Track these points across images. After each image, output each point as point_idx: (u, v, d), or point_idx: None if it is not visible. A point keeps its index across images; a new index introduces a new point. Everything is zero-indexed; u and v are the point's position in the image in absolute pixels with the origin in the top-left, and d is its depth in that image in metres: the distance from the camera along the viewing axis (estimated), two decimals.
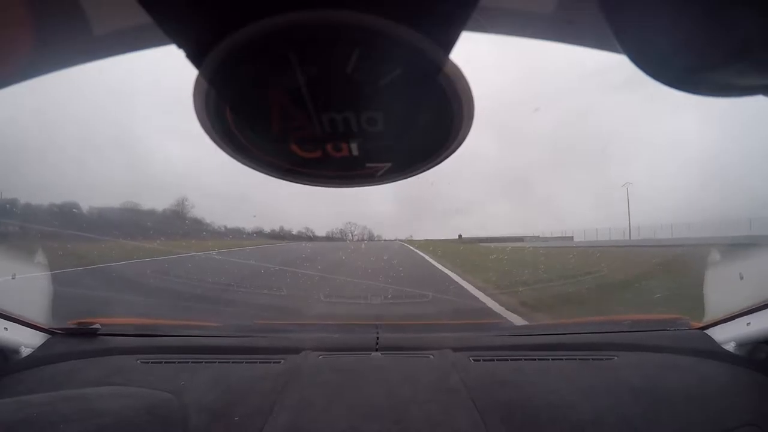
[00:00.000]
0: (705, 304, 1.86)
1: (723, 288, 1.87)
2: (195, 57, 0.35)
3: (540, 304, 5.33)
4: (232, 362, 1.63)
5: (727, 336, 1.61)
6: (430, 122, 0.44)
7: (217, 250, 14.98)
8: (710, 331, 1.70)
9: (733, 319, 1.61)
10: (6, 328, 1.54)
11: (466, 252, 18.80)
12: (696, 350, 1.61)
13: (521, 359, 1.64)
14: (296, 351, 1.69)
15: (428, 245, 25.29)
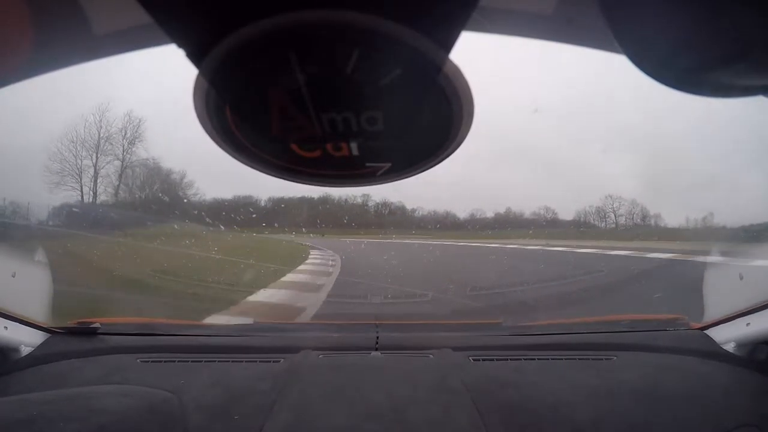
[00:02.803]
0: (704, 304, 1.86)
1: (723, 288, 1.88)
2: (195, 57, 0.35)
3: None
4: (232, 361, 1.63)
5: (726, 336, 1.61)
6: (430, 122, 0.45)
7: None
8: (710, 332, 1.70)
9: (733, 319, 1.61)
10: (6, 327, 1.54)
11: None
12: (695, 350, 1.62)
13: (521, 359, 1.64)
14: (296, 350, 1.69)
15: None
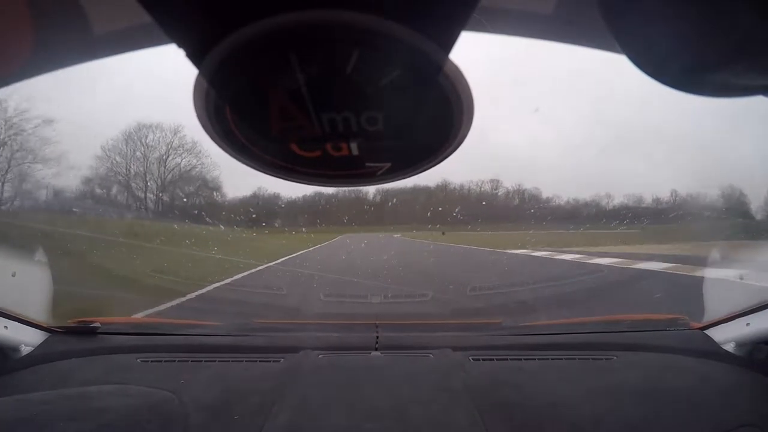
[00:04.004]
0: (705, 304, 1.86)
1: (723, 288, 1.88)
2: (195, 57, 0.35)
3: None
4: (232, 361, 1.64)
5: (726, 336, 1.61)
6: (430, 122, 0.45)
7: None
8: (710, 332, 1.70)
9: (733, 319, 1.61)
10: (6, 327, 1.54)
11: None
12: (695, 350, 1.62)
13: (521, 359, 1.65)
14: (296, 350, 1.69)
15: None
